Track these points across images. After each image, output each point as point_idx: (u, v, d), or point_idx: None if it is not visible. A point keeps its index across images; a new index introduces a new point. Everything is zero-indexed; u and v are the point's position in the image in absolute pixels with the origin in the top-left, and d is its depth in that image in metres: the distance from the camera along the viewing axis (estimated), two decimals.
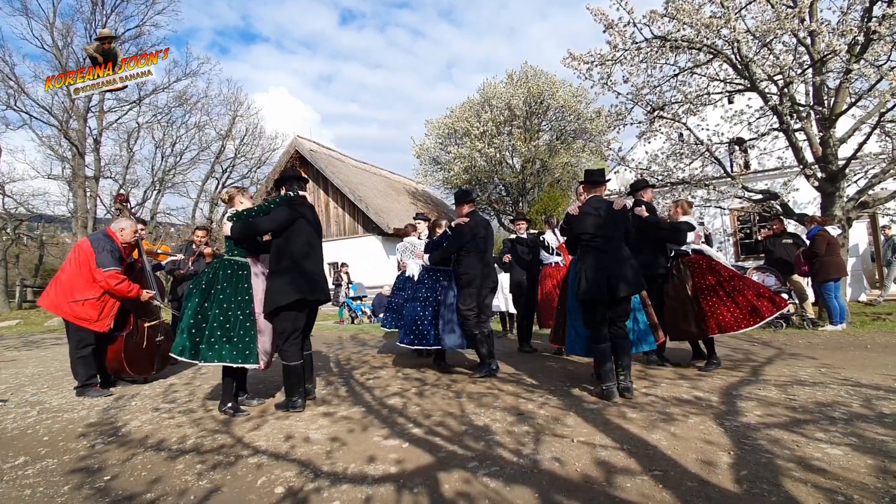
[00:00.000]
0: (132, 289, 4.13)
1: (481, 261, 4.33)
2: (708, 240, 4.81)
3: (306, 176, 3.90)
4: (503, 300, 7.15)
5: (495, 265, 4.99)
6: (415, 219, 5.58)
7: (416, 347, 4.55)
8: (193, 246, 5.89)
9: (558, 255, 5.57)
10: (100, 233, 4.26)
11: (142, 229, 4.77)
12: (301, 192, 3.59)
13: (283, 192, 3.59)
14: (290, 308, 3.27)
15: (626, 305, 3.54)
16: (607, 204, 3.54)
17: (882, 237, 9.79)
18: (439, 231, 4.68)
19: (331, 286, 12.86)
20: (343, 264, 12.37)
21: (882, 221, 9.81)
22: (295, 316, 3.31)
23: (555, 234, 5.48)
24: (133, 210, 5.56)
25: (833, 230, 6.48)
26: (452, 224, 4.55)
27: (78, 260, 4.05)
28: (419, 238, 5.29)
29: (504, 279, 6.55)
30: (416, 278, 4.84)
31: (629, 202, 4.24)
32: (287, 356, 3.28)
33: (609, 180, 4.09)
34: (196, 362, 3.21)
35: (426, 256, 4.58)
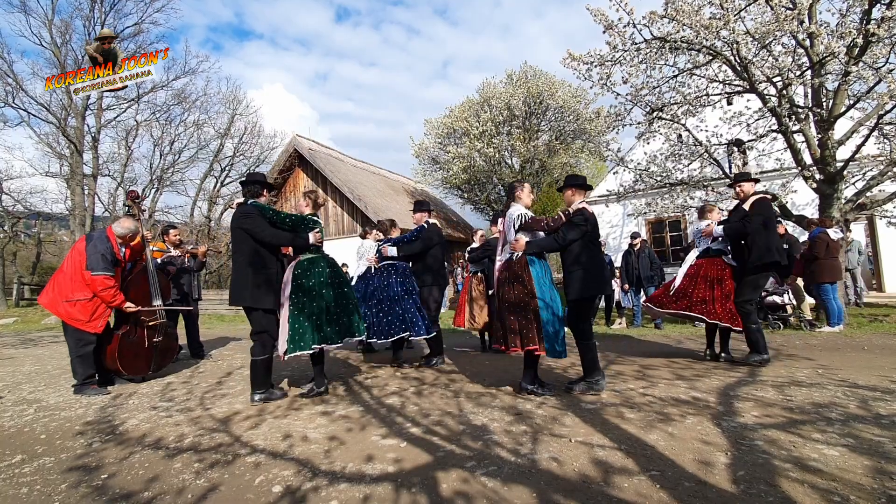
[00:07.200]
0: (116, 299, 4.10)
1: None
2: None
3: (268, 180, 4.09)
4: None
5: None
6: (369, 226, 5.86)
7: (386, 340, 4.62)
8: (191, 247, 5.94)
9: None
10: (99, 232, 4.23)
11: (147, 233, 4.68)
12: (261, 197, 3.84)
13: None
14: None
15: None
16: None
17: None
18: (395, 232, 5.25)
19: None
20: (343, 264, 12.49)
21: (879, 223, 9.83)
22: None
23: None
24: (144, 209, 5.51)
25: (834, 233, 6.50)
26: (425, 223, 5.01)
27: (73, 259, 4.04)
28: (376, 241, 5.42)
29: None
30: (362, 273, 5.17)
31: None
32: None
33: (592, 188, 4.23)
34: None
35: (392, 249, 4.84)
